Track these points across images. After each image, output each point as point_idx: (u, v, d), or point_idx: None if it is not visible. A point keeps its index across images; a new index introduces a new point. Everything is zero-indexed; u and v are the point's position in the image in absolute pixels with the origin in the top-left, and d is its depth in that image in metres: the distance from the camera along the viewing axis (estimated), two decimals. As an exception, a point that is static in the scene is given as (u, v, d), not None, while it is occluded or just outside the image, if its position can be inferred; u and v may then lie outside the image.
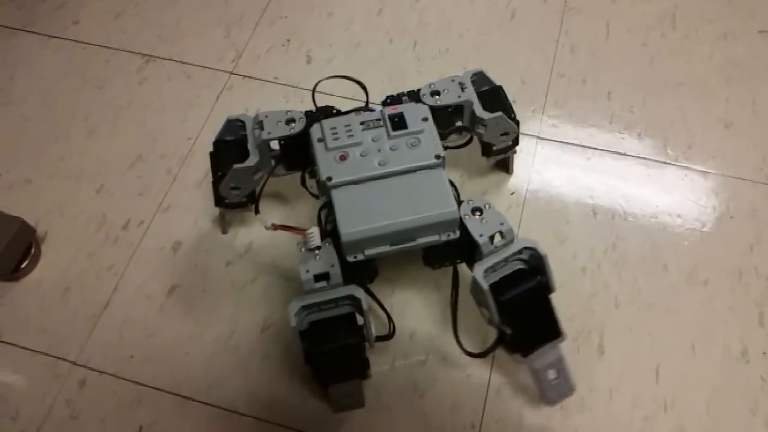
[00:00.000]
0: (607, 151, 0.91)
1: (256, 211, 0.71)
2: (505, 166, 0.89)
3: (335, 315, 0.66)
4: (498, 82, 0.79)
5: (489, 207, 0.67)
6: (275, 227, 0.66)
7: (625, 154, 0.90)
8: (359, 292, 0.65)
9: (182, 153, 0.93)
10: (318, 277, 0.65)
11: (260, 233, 0.85)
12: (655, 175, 0.89)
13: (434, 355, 0.77)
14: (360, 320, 0.65)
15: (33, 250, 0.85)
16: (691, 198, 0.87)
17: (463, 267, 0.70)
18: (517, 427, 0.72)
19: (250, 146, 0.74)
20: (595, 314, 0.79)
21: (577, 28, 1.03)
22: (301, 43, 1.04)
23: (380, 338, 0.71)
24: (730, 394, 0.73)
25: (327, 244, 0.66)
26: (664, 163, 0.90)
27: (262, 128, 0.73)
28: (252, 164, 0.73)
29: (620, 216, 0.86)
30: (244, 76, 1.00)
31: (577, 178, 0.89)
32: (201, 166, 0.91)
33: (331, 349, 0.66)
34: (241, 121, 0.77)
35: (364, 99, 0.75)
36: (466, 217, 0.66)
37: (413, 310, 0.80)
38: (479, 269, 0.65)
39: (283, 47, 1.03)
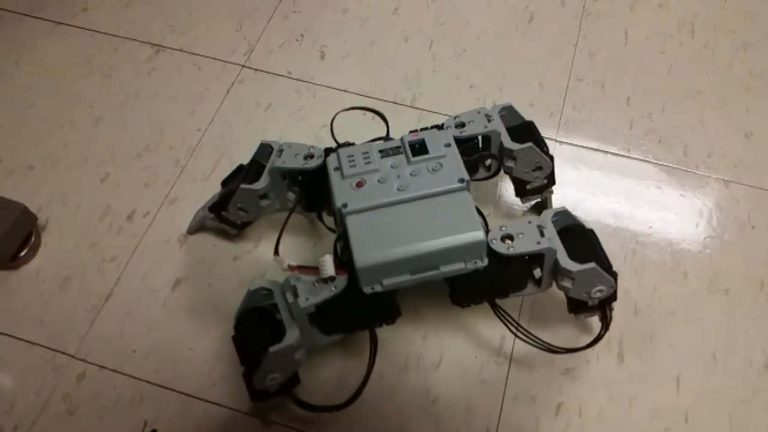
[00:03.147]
0: (627, 156, 0.89)
1: (276, 252, 0.65)
2: (542, 209, 0.82)
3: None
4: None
5: (505, 228, 0.63)
6: (292, 269, 0.62)
7: (644, 160, 0.89)
8: (293, 338, 0.62)
9: (191, 144, 0.90)
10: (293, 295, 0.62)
11: (269, 229, 0.83)
12: (675, 182, 0.87)
13: (448, 358, 0.74)
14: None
15: (33, 239, 0.82)
16: (712, 206, 0.85)
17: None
18: (534, 435, 0.70)
19: (265, 171, 0.72)
20: (614, 321, 0.76)
21: (595, 34, 1.01)
22: (315, 38, 1.02)
23: (304, 404, 0.68)
24: (754, 407, 0.71)
25: (333, 288, 0.61)
26: (685, 170, 0.88)
27: (280, 155, 0.72)
28: (258, 188, 0.71)
29: (640, 222, 0.84)
30: (256, 69, 0.98)
31: (595, 182, 0.87)
32: (209, 159, 0.89)
33: (253, 333, 0.65)
34: (271, 146, 0.74)
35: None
36: (511, 249, 0.62)
37: (427, 312, 0.77)
38: (568, 263, 0.63)
39: (297, 42, 1.01)
